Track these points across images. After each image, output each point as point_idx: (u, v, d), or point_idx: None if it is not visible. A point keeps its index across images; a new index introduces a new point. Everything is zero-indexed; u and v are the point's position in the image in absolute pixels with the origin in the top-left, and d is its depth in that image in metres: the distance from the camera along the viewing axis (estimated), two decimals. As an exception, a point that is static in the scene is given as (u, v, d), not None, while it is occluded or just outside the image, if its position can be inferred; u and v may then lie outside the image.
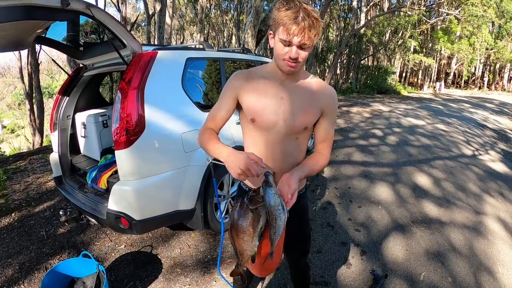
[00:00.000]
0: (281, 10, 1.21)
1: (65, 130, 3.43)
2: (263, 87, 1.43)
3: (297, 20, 1.18)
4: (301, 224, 1.73)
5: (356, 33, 20.99)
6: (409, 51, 27.02)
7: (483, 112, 14.44)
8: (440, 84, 31.94)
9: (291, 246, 1.75)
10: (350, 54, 24.33)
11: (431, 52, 30.13)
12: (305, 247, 1.85)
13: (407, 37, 24.51)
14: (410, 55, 26.55)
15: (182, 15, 28.97)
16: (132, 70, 2.39)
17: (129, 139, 2.27)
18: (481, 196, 4.57)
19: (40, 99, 10.78)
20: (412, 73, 35.02)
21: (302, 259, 1.89)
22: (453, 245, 3.27)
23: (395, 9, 22.92)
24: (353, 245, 3.16)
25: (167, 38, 9.99)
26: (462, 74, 35.61)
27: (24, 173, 5.34)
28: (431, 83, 33.86)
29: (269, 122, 1.42)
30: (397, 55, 28.12)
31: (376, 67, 26.92)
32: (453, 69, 34.98)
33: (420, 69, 32.47)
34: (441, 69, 36.93)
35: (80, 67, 3.48)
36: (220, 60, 3.37)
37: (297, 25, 1.19)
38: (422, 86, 32.96)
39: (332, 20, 27.69)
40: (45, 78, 31.49)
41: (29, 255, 2.98)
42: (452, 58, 32.82)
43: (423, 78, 33.63)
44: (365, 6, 22.89)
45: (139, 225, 2.41)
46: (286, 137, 1.45)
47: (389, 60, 29.16)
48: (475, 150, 7.19)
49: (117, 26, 2.35)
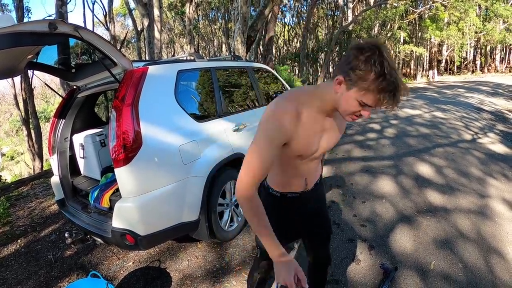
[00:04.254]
0: (375, 76, 1.06)
1: (64, 153, 3.44)
2: (313, 127, 1.33)
3: (395, 99, 1.09)
4: (322, 208, 1.84)
5: (345, 30, 21.10)
6: (399, 42, 27.16)
7: (479, 95, 14.45)
8: (433, 72, 32.01)
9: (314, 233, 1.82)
10: (341, 51, 24.42)
11: (421, 41, 30.27)
12: (328, 231, 1.88)
13: (396, 28, 24.65)
14: (401, 46, 26.68)
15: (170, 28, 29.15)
16: (124, 88, 2.40)
17: (127, 156, 2.28)
18: (484, 179, 4.58)
19: (37, 124, 10.82)
20: (404, 64, 35.09)
21: (324, 247, 1.91)
22: (460, 231, 3.27)
23: (381, 2, 23.03)
24: (361, 241, 3.16)
25: (157, 52, 10.05)
26: (454, 60, 35.67)
27: (27, 198, 5.34)
28: (424, 72, 33.92)
29: (312, 153, 1.44)
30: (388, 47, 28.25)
31: (368, 61, 26.98)
32: (445, 56, 35.06)
33: (412, 59, 32.56)
34: (432, 57, 36.98)
35: (73, 89, 3.50)
36: (211, 69, 3.39)
37: (392, 102, 1.10)
38: (415, 76, 33.03)
39: (320, 19, 27.84)
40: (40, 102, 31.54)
41: (38, 279, 2.97)
42: (442, 45, 32.94)
43: (416, 68, 33.71)
44: (351, 2, 23.06)
45: (145, 241, 2.41)
46: (319, 157, 1.54)
47: (381, 53, 29.25)
48: (474, 134, 7.20)
49: (106, 45, 2.37)
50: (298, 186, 1.60)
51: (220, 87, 3.46)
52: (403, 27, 25.20)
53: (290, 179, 1.58)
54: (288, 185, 1.60)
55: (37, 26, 1.94)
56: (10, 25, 1.78)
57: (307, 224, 1.78)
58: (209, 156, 2.88)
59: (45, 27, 1.96)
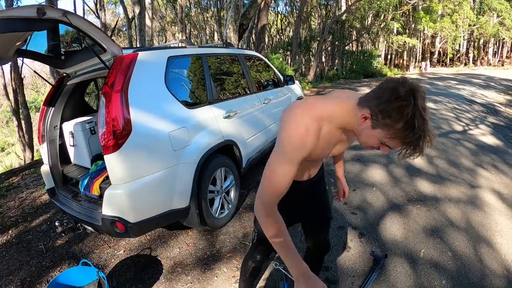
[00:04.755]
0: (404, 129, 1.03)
1: (54, 141, 3.40)
2: (330, 140, 1.34)
3: (419, 150, 1.06)
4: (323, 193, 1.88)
5: (338, 20, 21.02)
6: (393, 33, 27.18)
7: (470, 87, 14.56)
8: (425, 63, 32.13)
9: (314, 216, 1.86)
10: (334, 41, 24.37)
11: (414, 33, 30.30)
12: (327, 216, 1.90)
13: (389, 19, 24.63)
14: (394, 37, 26.71)
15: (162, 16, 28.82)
16: (114, 74, 2.37)
17: (117, 142, 2.26)
18: (474, 170, 4.63)
19: (27, 114, 10.67)
20: (397, 55, 35.15)
21: (324, 232, 1.92)
22: (450, 220, 3.31)
23: (376, -8, 22.99)
24: (351, 229, 3.18)
25: (148, 40, 9.94)
26: (447, 52, 35.83)
27: (18, 189, 5.29)
28: (417, 63, 34.03)
29: (322, 159, 1.53)
30: (381, 38, 28.24)
31: (361, 51, 26.97)
32: (438, 48, 35.20)
33: (405, 50, 32.61)
34: (425, 49, 37.12)
35: (63, 76, 3.45)
36: (202, 56, 3.37)
37: (414, 153, 1.08)
38: (408, 67, 33.11)
39: (314, 9, 27.66)
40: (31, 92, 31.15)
41: (29, 270, 2.96)
42: (435, 37, 33.04)
43: (409, 59, 33.78)
44: (345, -8, 22.95)
45: (135, 228, 2.40)
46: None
47: (373, 44, 29.29)
48: (465, 125, 7.27)
49: (96, 31, 2.33)
50: (302, 177, 1.65)
51: (211, 74, 3.44)
52: (396, 18, 25.18)
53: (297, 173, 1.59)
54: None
55: (25, 11, 1.91)
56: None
57: (308, 208, 1.82)
58: (200, 143, 2.87)
59: (33, 12, 1.93)
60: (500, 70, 28.29)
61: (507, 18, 26.13)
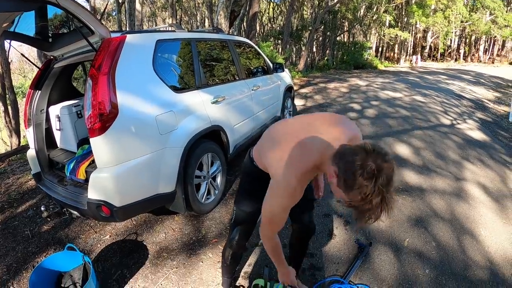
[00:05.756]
0: (362, 201, 1.11)
1: (40, 125, 3.35)
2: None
3: (375, 219, 1.15)
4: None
5: (330, 10, 20.90)
6: (385, 26, 27.20)
7: (460, 83, 14.67)
8: (416, 57, 32.31)
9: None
10: (326, 31, 24.23)
11: (406, 26, 30.39)
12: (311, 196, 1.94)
13: (382, 12, 24.62)
14: (386, 30, 26.74)
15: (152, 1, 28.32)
16: (101, 56, 2.34)
17: (103, 125, 2.23)
18: (460, 163, 4.69)
19: (14, 99, 10.47)
20: (388, 48, 35.22)
21: (308, 213, 1.96)
22: (435, 211, 3.36)
23: (369, -16, 22.92)
24: (336, 216, 3.21)
25: (138, 25, 9.79)
26: (438, 47, 36.03)
27: (4, 175, 5.22)
28: (408, 57, 34.19)
29: None
30: (373, 30, 28.25)
31: (352, 43, 26.93)
32: (429, 42, 35.37)
33: (396, 43, 32.70)
34: (417, 43, 37.27)
35: (50, 59, 3.39)
36: (191, 40, 3.34)
37: (372, 221, 1.16)
38: (398, 60, 33.25)
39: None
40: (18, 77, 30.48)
41: (15, 255, 2.94)
42: (427, 31, 33.20)
43: (400, 52, 33.91)
44: (339, -18, 22.82)
45: (120, 212, 2.39)
46: None
47: (365, 36, 29.26)
48: (453, 119, 7.34)
49: (84, 13, 2.30)
50: None
51: (200, 59, 3.42)
52: (389, 11, 25.17)
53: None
54: None
55: (13, -10, 1.87)
56: None
57: None
58: (186, 127, 2.85)
59: None
60: (490, 67, 28.53)
61: (499, 16, 26.34)
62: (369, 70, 22.65)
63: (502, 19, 26.56)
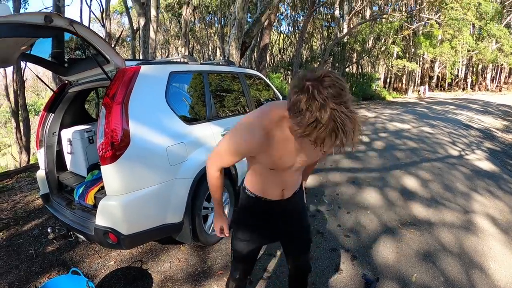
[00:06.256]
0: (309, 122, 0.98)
1: (51, 147, 3.41)
2: (285, 145, 1.33)
3: (341, 143, 1.03)
4: (300, 214, 1.80)
5: (339, 42, 21.25)
6: (393, 57, 27.43)
7: (468, 112, 14.67)
8: (424, 87, 32.42)
9: (292, 238, 1.80)
10: (335, 63, 24.54)
11: (414, 57, 30.61)
12: (307, 237, 1.86)
13: (390, 43, 24.89)
14: (394, 61, 26.95)
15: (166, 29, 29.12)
16: (115, 86, 2.40)
17: (114, 154, 2.27)
18: (469, 194, 4.63)
19: (26, 117, 10.68)
20: (396, 78, 35.43)
21: (303, 254, 1.89)
22: (443, 245, 3.30)
23: (377, 16, 23.32)
24: (344, 251, 3.17)
25: (151, 52, 10.00)
26: (445, 77, 36.21)
27: (12, 191, 5.27)
28: (416, 87, 34.30)
29: (286, 167, 1.44)
30: (381, 61, 28.50)
31: (361, 74, 27.21)
32: (436, 73, 35.55)
33: (404, 74, 32.90)
34: (424, 73, 37.50)
35: (65, 84, 3.48)
36: (203, 73, 3.40)
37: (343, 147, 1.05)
38: (406, 91, 33.34)
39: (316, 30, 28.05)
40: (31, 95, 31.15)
41: (18, 274, 2.93)
42: (435, 61, 33.37)
43: (407, 83, 34.03)
44: (347, 15, 23.29)
45: (128, 240, 2.39)
46: (298, 170, 1.53)
47: (373, 67, 29.53)
48: (461, 150, 7.30)
49: (100, 42, 2.37)
50: (274, 195, 1.61)
51: (211, 91, 3.47)
52: (397, 42, 25.45)
53: (266, 187, 1.59)
54: (263, 192, 1.61)
55: (32, 18, 1.93)
56: (6, 15, 1.77)
57: (285, 229, 1.76)
58: (196, 159, 2.87)
59: (40, 19, 1.95)
60: (497, 95, 28.58)
61: (505, 44, 26.46)
62: (377, 101, 22.73)
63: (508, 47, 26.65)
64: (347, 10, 23.60)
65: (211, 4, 25.52)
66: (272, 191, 1.59)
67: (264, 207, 1.63)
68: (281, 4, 22.55)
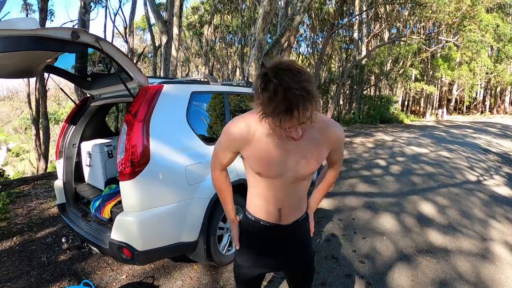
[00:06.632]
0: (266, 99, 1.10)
1: (71, 158, 3.48)
2: (266, 145, 1.36)
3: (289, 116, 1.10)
4: (303, 247, 1.69)
5: (357, 64, 21.23)
6: (411, 80, 27.27)
7: (486, 136, 14.43)
8: (442, 111, 32.14)
9: (294, 270, 1.72)
10: (352, 85, 24.48)
11: (432, 80, 30.42)
12: (309, 270, 1.76)
13: (408, 65, 24.76)
14: (412, 84, 26.78)
15: (187, 47, 29.65)
16: (138, 103, 2.44)
17: (134, 170, 2.30)
18: (487, 221, 4.52)
19: (46, 125, 10.91)
20: (414, 101, 35.15)
21: (304, 286, 1.80)
22: (460, 273, 3.21)
23: (395, 38, 23.30)
24: (358, 277, 3.11)
25: (172, 70, 10.14)
26: (463, 100, 35.82)
27: (28, 197, 5.36)
28: (433, 111, 34.00)
29: (276, 174, 1.40)
30: (399, 84, 28.35)
31: (378, 96, 26.97)
32: (455, 95, 35.23)
33: (422, 97, 32.66)
34: (442, 96, 37.18)
35: (87, 97, 3.56)
36: (224, 93, 3.43)
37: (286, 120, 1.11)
38: (424, 114, 33.06)
39: (334, 52, 28.13)
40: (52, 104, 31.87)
41: (29, 280, 2.96)
42: (453, 84, 33.11)
43: (425, 106, 33.76)
44: (366, 37, 23.34)
45: (142, 256, 2.40)
46: (293, 183, 1.45)
47: (391, 89, 29.35)
48: (479, 175, 7.15)
49: (125, 60, 2.42)
50: (270, 215, 1.53)
51: (231, 111, 3.49)
52: (415, 65, 25.33)
53: (262, 203, 1.52)
54: (260, 209, 1.54)
55: (60, 33, 1.98)
56: (34, 28, 1.82)
57: (284, 260, 1.66)
58: (214, 180, 2.88)
59: (67, 35, 2.00)
60: (516, 118, 28.09)
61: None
62: (394, 124, 22.49)
63: (526, 69, 26.38)
64: (365, 33, 23.64)
65: (232, 24, 25.98)
66: (268, 208, 1.52)
67: (263, 232, 1.57)
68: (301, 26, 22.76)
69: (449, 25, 19.44)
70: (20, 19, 1.87)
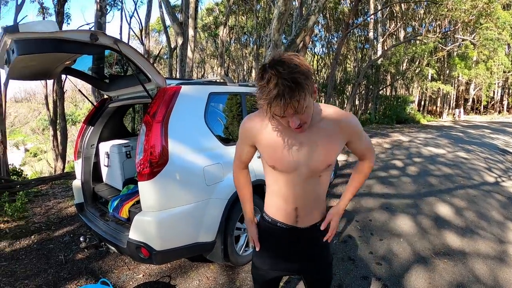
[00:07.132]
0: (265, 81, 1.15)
1: (89, 159, 3.53)
2: (277, 137, 1.39)
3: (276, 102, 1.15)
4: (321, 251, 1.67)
5: (373, 64, 21.00)
6: (427, 79, 26.84)
7: (504, 136, 14.14)
8: (459, 110, 31.57)
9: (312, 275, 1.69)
10: (368, 85, 24.25)
11: (448, 79, 29.90)
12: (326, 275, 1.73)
13: (424, 65, 24.39)
14: (428, 83, 26.34)
15: (203, 48, 29.83)
16: (156, 104, 2.47)
17: (152, 171, 2.32)
18: (505, 224, 4.43)
19: (64, 126, 11.13)
20: (431, 101, 34.63)
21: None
22: (477, 276, 3.16)
23: (411, 37, 23.00)
24: (375, 279, 3.08)
25: (188, 71, 10.20)
26: (481, 99, 35.12)
27: (46, 197, 5.46)
28: (450, 110, 33.44)
29: (290, 168, 1.41)
30: (415, 84, 27.96)
31: (395, 96, 26.59)
32: (472, 95, 34.57)
33: (439, 96, 32.13)
34: (459, 96, 36.55)
35: (105, 98, 3.61)
36: (241, 94, 3.44)
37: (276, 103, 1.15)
38: (441, 114, 32.53)
39: (350, 52, 27.94)
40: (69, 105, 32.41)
41: (46, 278, 3.02)
42: (470, 83, 32.52)
43: (442, 106, 33.24)
44: (381, 36, 23.08)
45: (159, 256, 2.42)
46: (309, 178, 1.44)
47: (407, 89, 28.98)
48: (497, 176, 7.01)
49: (143, 61, 2.46)
50: (286, 215, 1.52)
51: (248, 112, 3.48)
52: (431, 64, 24.92)
53: (279, 201, 1.52)
54: (277, 209, 1.54)
55: (79, 35, 2.03)
56: (54, 31, 1.86)
57: (301, 264, 1.64)
58: (232, 180, 2.86)
59: (86, 37, 2.05)
60: (534, 118, 27.43)
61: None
62: (411, 124, 22.11)
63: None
64: (381, 32, 23.40)
65: (247, 25, 26.03)
66: (284, 206, 1.51)
67: (280, 235, 1.57)
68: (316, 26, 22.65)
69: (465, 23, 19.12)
70: (38, 22, 1.90)
